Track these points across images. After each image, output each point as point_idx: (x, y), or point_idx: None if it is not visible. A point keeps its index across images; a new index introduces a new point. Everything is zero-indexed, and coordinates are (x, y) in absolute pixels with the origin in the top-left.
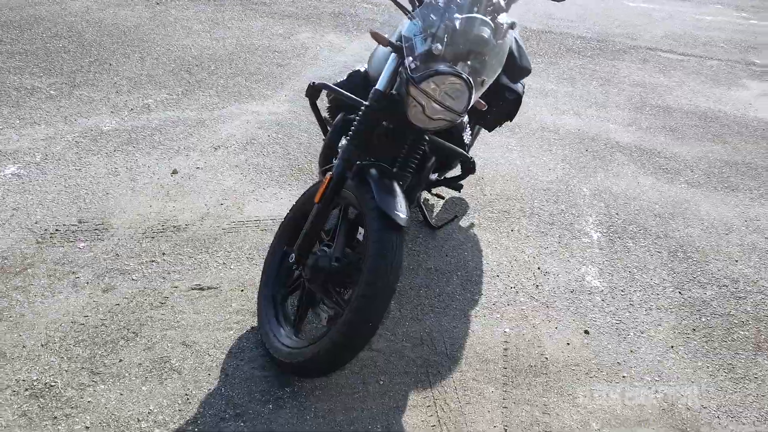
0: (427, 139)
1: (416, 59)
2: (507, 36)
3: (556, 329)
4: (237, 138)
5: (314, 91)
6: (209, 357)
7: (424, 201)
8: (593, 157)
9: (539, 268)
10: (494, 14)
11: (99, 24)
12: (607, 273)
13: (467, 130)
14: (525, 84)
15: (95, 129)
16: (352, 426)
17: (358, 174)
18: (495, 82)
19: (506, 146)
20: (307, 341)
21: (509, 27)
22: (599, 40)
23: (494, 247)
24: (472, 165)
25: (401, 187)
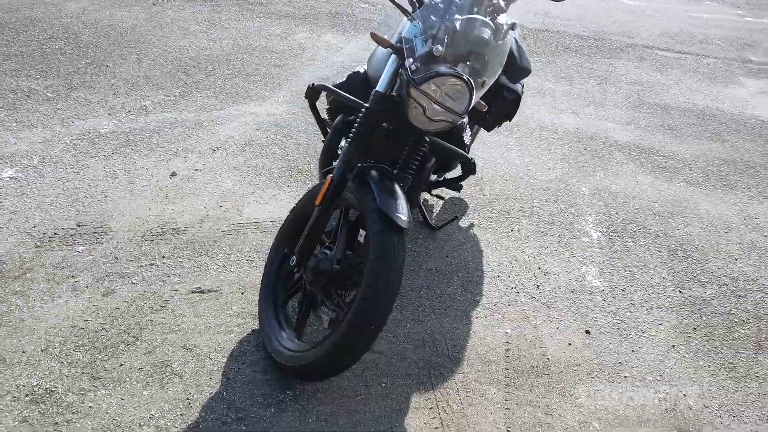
0: (428, 140)
1: (417, 61)
2: (507, 37)
3: (558, 329)
4: (235, 139)
5: (314, 93)
6: (210, 360)
7: (424, 201)
8: (592, 156)
9: (540, 268)
10: (494, 15)
11: (95, 25)
12: (608, 272)
13: (467, 131)
14: (524, 83)
15: (93, 131)
16: (355, 429)
17: (359, 176)
18: (494, 82)
19: (505, 146)
20: (309, 344)
21: (509, 28)
22: (596, 39)
23: (494, 248)
24: (473, 166)
25: (402, 189)
